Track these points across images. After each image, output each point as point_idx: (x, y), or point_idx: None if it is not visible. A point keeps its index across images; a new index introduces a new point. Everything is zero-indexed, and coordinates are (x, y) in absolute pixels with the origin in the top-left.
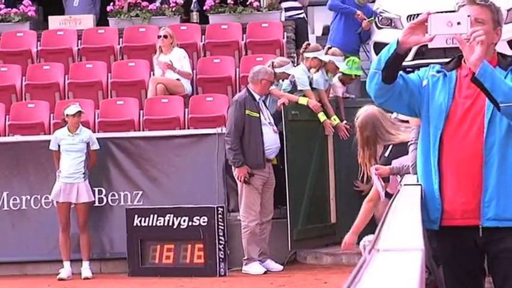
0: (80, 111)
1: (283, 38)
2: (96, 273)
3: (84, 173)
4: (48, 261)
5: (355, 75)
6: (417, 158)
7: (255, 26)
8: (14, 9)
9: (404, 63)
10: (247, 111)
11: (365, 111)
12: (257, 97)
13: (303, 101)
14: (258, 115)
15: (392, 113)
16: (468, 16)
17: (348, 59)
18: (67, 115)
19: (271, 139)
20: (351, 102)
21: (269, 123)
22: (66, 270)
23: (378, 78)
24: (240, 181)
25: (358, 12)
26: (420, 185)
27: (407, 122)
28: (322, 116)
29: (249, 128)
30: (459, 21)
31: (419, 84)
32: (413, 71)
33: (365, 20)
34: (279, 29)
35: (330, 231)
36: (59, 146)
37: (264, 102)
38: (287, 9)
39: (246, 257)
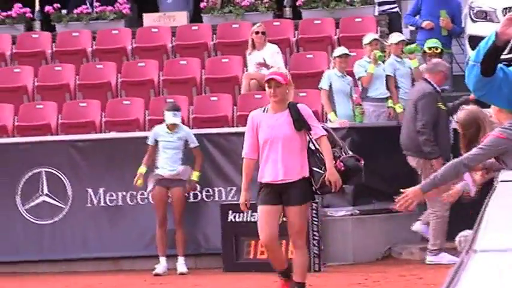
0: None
1: (377, 33)
2: (191, 268)
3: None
4: (143, 256)
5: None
6: None
7: (348, 20)
8: (109, 7)
9: None
10: (439, 104)
11: (466, 110)
12: (438, 89)
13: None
14: (445, 108)
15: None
16: None
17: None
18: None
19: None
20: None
21: None
22: (162, 265)
23: (477, 70)
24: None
25: (424, 23)
26: None
27: None
28: (398, 108)
29: (439, 121)
30: None
31: None
32: (509, 65)
33: (428, 22)
34: (372, 24)
35: None
36: (156, 141)
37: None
38: (380, 4)
39: (435, 248)
